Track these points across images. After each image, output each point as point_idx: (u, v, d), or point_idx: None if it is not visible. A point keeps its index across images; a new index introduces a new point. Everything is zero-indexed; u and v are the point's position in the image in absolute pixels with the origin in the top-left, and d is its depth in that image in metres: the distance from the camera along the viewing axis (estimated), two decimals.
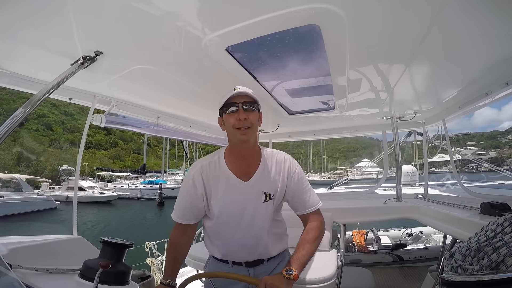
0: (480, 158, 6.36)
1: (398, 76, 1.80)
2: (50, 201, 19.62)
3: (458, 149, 39.93)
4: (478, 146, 78.03)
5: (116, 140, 61.59)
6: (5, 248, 1.14)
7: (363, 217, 2.72)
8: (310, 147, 44.30)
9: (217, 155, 1.17)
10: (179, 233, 1.19)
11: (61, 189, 26.05)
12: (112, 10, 1.05)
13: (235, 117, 1.06)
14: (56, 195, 23.53)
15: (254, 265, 1.20)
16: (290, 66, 1.73)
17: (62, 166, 31.10)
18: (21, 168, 36.97)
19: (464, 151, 57.71)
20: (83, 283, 1.05)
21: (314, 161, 54.84)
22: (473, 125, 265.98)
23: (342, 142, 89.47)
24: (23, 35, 1.18)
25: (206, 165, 1.14)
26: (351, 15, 1.11)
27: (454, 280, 0.71)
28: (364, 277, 2.92)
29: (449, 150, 2.98)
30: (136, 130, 2.23)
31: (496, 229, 1.05)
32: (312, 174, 47.56)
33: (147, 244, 3.15)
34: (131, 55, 1.45)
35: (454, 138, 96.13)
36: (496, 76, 1.76)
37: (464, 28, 1.25)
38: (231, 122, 1.08)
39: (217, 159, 1.15)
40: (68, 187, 25.74)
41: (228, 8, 1.07)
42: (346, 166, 53.22)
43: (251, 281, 1.07)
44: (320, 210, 1.21)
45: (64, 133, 53.26)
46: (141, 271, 2.03)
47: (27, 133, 46.49)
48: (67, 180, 27.18)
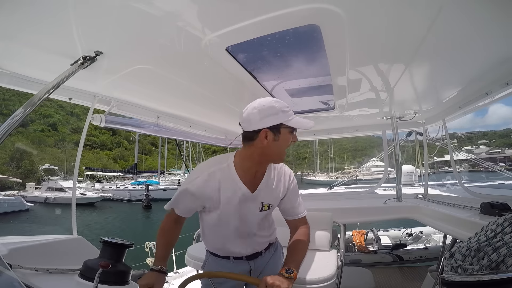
0: (495, 157, 6.36)
1: (398, 76, 1.80)
2: (19, 203, 18.35)
3: (469, 147, 39.79)
4: (490, 144, 76.40)
5: (121, 141, 61.28)
6: (5, 248, 1.15)
7: (363, 217, 2.71)
8: (316, 146, 43.29)
9: (225, 162, 1.13)
10: (172, 221, 1.20)
11: (41, 190, 24.28)
12: (112, 10, 1.05)
13: (292, 138, 1.09)
14: (35, 196, 22.50)
15: (253, 257, 1.28)
16: (290, 66, 1.73)
17: (44, 165, 29.50)
18: (11, 167, 35.76)
19: (477, 149, 57.02)
20: (83, 283, 1.05)
21: (321, 161, 53.15)
22: (487, 123, 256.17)
23: (350, 141, 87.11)
24: (23, 35, 1.18)
25: (217, 171, 1.11)
26: (351, 15, 1.11)
27: (454, 280, 0.71)
28: (364, 277, 2.92)
29: (449, 150, 2.99)
30: (136, 130, 2.24)
31: (496, 229, 1.05)
32: (319, 174, 45.83)
33: (147, 244, 3.16)
34: (131, 55, 1.45)
35: (465, 137, 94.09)
36: (496, 76, 1.76)
37: (464, 28, 1.25)
38: (288, 140, 1.08)
39: (227, 167, 1.12)
40: (48, 187, 23.98)
41: (228, 8, 1.07)
42: (355, 166, 49.52)
43: (251, 281, 1.07)
44: (306, 219, 1.29)
45: (69, 133, 53.31)
46: (141, 271, 2.04)
47: (32, 133, 46.73)
48: (48, 180, 25.62)
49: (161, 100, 2.20)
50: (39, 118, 51.31)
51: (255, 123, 1.04)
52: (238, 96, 2.25)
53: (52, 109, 54.99)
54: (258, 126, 1.04)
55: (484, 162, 6.06)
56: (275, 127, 1.04)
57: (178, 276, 2.85)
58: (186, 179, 1.19)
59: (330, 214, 2.34)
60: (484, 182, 5.09)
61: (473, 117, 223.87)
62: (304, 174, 50.18)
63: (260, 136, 1.04)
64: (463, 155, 7.45)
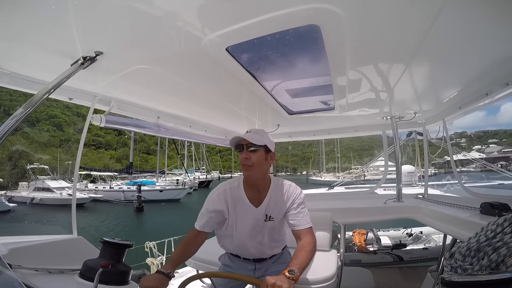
0: (508, 156, 6.33)
1: (398, 76, 1.80)
2: (0, 204, 17.86)
3: (479, 147, 39.19)
4: (501, 143, 75.48)
5: (126, 141, 61.04)
6: (5, 248, 1.14)
7: (363, 217, 2.72)
8: (322, 146, 42.37)
9: (237, 182, 1.41)
10: (193, 234, 1.36)
11: (28, 190, 23.35)
12: (112, 10, 1.05)
13: (241, 156, 1.32)
14: (21, 196, 21.98)
15: (260, 260, 1.51)
16: (290, 66, 1.73)
17: (33, 164, 28.34)
18: (7, 167, 35.15)
19: (487, 148, 55.80)
20: (83, 283, 1.05)
21: (327, 160, 52.02)
22: (498, 121, 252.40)
23: (356, 140, 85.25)
24: (23, 35, 1.18)
25: (228, 189, 1.38)
26: (351, 15, 1.11)
27: (454, 280, 0.71)
28: (364, 277, 2.92)
29: (449, 150, 2.98)
30: (136, 130, 2.23)
31: (496, 229, 1.05)
32: (325, 174, 44.95)
33: (147, 244, 3.16)
34: (131, 55, 1.44)
35: (475, 136, 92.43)
36: (496, 76, 1.76)
37: (464, 28, 1.25)
38: (240, 159, 1.33)
39: (237, 186, 1.40)
40: (36, 187, 22.94)
41: (228, 8, 1.07)
42: (362, 165, 49.95)
43: (253, 281, 1.07)
44: (312, 230, 1.41)
45: (74, 133, 53.36)
46: (141, 271, 2.04)
47: (38, 133, 46.79)
48: (35, 179, 24.47)
49: (161, 100, 2.20)
50: (45, 118, 51.55)
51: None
52: (238, 96, 2.25)
53: (58, 109, 55.43)
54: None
55: (483, 162, 6.04)
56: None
57: (178, 276, 2.85)
58: (207, 199, 1.41)
59: (330, 214, 2.34)
60: (497, 182, 5.06)
61: (485, 116, 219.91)
62: (309, 174, 49.58)
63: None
64: (466, 155, 7.41)
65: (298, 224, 1.38)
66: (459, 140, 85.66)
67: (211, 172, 44.07)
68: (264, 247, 1.46)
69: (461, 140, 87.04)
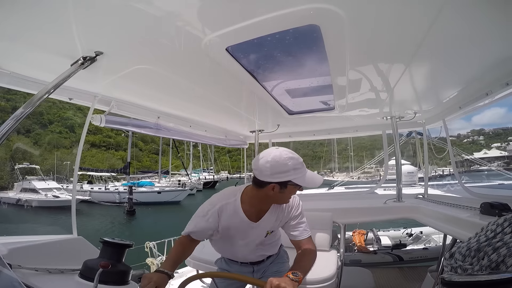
0: None
1: (398, 76, 1.79)
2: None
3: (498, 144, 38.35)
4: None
5: (136, 141, 60.68)
6: (5, 248, 1.14)
7: (363, 217, 2.72)
8: (334, 145, 40.99)
9: (234, 197, 1.29)
10: (189, 238, 1.28)
11: (15, 191, 22.29)
12: (112, 10, 1.05)
13: (299, 189, 1.24)
14: (8, 197, 21.15)
15: (257, 263, 1.49)
16: (290, 66, 1.73)
17: (22, 164, 27.22)
18: (7, 167, 33.74)
19: (508, 146, 54.54)
20: (83, 283, 1.05)
21: (339, 160, 51.13)
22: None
23: (368, 139, 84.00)
24: (23, 35, 1.18)
25: (224, 205, 1.26)
26: (351, 15, 1.11)
27: (454, 280, 0.71)
28: (364, 277, 2.92)
29: (449, 150, 2.98)
30: (136, 130, 2.24)
31: (496, 229, 1.05)
32: (338, 174, 44.45)
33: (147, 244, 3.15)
34: (131, 55, 1.44)
35: (493, 134, 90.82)
36: (496, 76, 1.76)
37: (464, 28, 1.25)
38: (294, 191, 1.25)
39: (234, 201, 1.28)
40: (23, 188, 21.70)
41: (228, 8, 1.07)
42: (377, 165, 48.52)
43: (256, 282, 1.07)
44: (311, 238, 1.40)
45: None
46: (141, 271, 2.04)
47: (49, 134, 47.23)
48: (23, 180, 23.16)
49: (161, 100, 2.20)
50: (58, 120, 52.08)
51: (266, 176, 1.15)
52: (238, 96, 2.25)
53: (71, 111, 55.88)
54: (267, 179, 1.15)
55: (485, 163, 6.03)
56: (283, 183, 1.16)
57: (178, 276, 2.84)
58: (199, 209, 1.30)
59: (330, 214, 2.34)
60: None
61: (506, 112, 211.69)
62: (321, 174, 48.96)
63: (268, 187, 1.17)
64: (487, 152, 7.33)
65: (299, 235, 1.37)
66: (477, 138, 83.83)
67: (220, 173, 43.54)
68: (261, 251, 1.45)
69: (480, 137, 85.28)
